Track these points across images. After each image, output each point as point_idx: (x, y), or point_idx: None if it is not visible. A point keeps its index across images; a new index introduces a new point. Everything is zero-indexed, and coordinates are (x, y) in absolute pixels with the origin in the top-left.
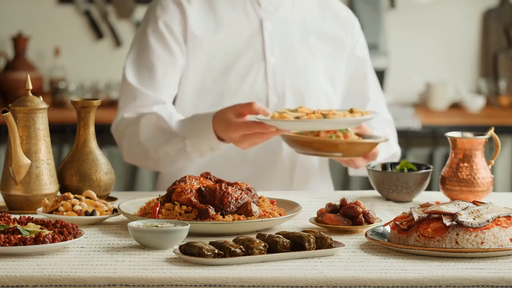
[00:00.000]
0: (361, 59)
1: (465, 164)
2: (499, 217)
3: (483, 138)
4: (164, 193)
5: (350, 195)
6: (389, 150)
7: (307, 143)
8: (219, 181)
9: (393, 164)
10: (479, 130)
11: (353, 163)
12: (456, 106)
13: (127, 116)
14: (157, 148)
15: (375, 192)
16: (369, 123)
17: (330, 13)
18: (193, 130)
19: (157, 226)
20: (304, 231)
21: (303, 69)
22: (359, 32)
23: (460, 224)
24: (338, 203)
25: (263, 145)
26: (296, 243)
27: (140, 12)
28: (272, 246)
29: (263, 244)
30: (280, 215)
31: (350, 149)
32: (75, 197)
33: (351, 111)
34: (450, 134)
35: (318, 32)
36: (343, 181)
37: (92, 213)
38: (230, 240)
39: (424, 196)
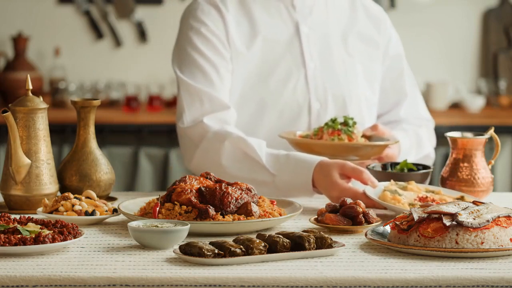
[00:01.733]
0: (396, 56)
1: (465, 164)
2: (499, 217)
3: (483, 138)
4: (164, 193)
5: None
6: (420, 151)
7: (307, 147)
8: (219, 181)
9: (393, 164)
10: (479, 130)
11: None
12: (456, 106)
13: (209, 124)
14: (239, 174)
15: None
16: (400, 124)
17: (361, 12)
18: (287, 172)
19: (157, 226)
20: (304, 231)
21: (343, 72)
22: (391, 28)
23: (460, 224)
24: (338, 203)
25: None
26: (296, 243)
27: (140, 12)
28: (272, 246)
29: (263, 244)
30: (280, 215)
31: (353, 152)
32: (75, 197)
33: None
34: (450, 134)
35: (353, 32)
36: None
37: (92, 213)
38: (230, 240)
39: None
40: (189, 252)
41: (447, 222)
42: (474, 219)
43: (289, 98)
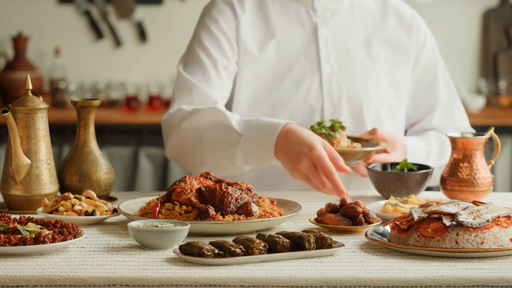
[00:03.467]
0: (429, 63)
1: (465, 164)
2: (499, 217)
3: (483, 138)
4: (164, 193)
5: (350, 195)
6: (443, 157)
7: None
8: (219, 181)
9: (393, 164)
10: (479, 130)
11: (357, 171)
12: None
13: (184, 107)
14: (211, 139)
15: (375, 192)
16: (427, 132)
17: (392, 16)
18: (254, 132)
19: (157, 226)
20: (304, 231)
21: (362, 77)
22: (425, 34)
23: (460, 224)
24: (338, 203)
25: None
26: (296, 243)
27: (140, 12)
28: (272, 246)
29: (263, 244)
30: (280, 215)
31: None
32: (75, 197)
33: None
34: (450, 134)
35: (380, 37)
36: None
37: (92, 213)
38: (230, 240)
39: (424, 196)
40: (189, 252)
41: (447, 222)
42: (474, 219)
43: (301, 100)
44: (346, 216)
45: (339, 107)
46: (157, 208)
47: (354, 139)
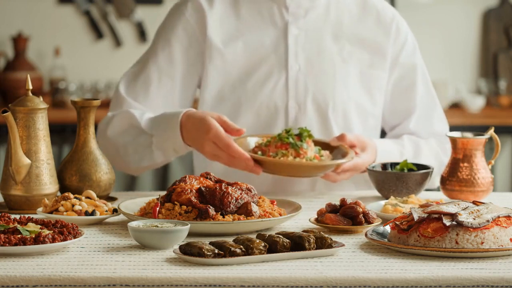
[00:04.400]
0: (407, 66)
1: (465, 164)
2: (499, 217)
3: (483, 138)
4: (164, 193)
5: (350, 195)
6: (417, 161)
7: (254, 160)
8: (219, 181)
9: (393, 164)
10: (479, 130)
11: (327, 179)
12: (456, 106)
13: (108, 115)
14: (127, 144)
15: (375, 192)
16: (401, 136)
17: (371, 16)
18: (160, 128)
19: (157, 226)
20: (304, 231)
21: (331, 77)
22: (405, 36)
23: (460, 224)
24: (338, 203)
25: None
26: (296, 243)
27: (140, 12)
28: (272, 246)
29: (263, 244)
30: (280, 215)
31: (295, 171)
32: (75, 197)
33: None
34: (450, 134)
35: (355, 37)
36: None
37: (92, 213)
38: (230, 240)
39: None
40: (189, 252)
41: (447, 222)
42: (474, 219)
43: (266, 98)
44: (346, 216)
45: (304, 106)
46: (157, 208)
47: (322, 145)
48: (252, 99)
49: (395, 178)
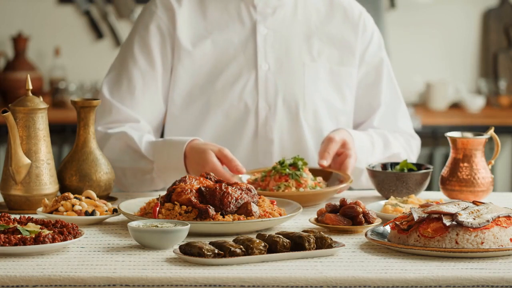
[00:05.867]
0: (373, 63)
1: (465, 164)
2: (499, 217)
3: (483, 138)
4: (164, 193)
5: (350, 195)
6: (387, 151)
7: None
8: (219, 181)
9: (393, 164)
10: (479, 130)
11: None
12: (456, 106)
13: (99, 129)
14: (125, 168)
15: (375, 192)
16: (370, 127)
17: (339, 14)
18: (163, 156)
19: (157, 226)
20: (304, 231)
21: (300, 76)
22: (372, 32)
23: (460, 224)
24: (338, 203)
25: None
26: (296, 243)
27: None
28: (272, 246)
29: (263, 244)
30: (280, 215)
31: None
32: (75, 197)
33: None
34: (450, 134)
35: (323, 35)
36: None
37: (92, 213)
38: (230, 240)
39: (424, 196)
40: (189, 252)
41: (447, 222)
42: (474, 219)
43: (236, 99)
44: (346, 216)
45: (275, 106)
46: (157, 208)
47: (313, 172)
48: (222, 99)
49: (395, 178)
